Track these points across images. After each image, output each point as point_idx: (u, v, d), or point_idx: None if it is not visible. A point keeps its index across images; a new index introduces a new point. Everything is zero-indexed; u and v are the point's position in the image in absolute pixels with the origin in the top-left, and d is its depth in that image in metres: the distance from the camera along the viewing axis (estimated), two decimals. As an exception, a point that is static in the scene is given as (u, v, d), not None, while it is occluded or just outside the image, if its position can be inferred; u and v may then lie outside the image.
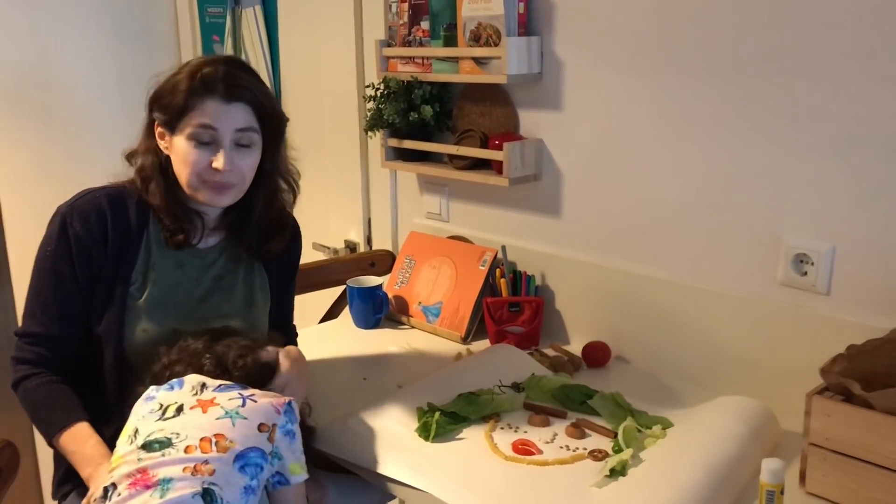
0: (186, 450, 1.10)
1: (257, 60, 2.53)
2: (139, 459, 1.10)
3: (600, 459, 1.31)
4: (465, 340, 1.84)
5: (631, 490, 1.20)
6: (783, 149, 1.43)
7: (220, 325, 1.41)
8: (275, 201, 1.52)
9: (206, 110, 1.34)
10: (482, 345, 1.81)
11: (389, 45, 1.97)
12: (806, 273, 1.42)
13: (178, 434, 1.12)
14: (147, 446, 1.11)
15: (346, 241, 2.37)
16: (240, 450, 1.12)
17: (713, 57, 1.49)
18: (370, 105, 1.99)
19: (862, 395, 1.11)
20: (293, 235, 1.61)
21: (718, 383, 1.55)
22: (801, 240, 1.42)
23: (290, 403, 1.20)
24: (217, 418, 1.14)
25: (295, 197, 1.57)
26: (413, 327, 1.94)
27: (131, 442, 1.13)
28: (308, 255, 2.52)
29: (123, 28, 2.81)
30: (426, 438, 1.37)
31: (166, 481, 1.06)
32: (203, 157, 1.36)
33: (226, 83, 1.35)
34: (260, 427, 1.15)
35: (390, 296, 1.98)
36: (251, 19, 2.52)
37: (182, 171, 1.38)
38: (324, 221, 2.46)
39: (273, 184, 1.50)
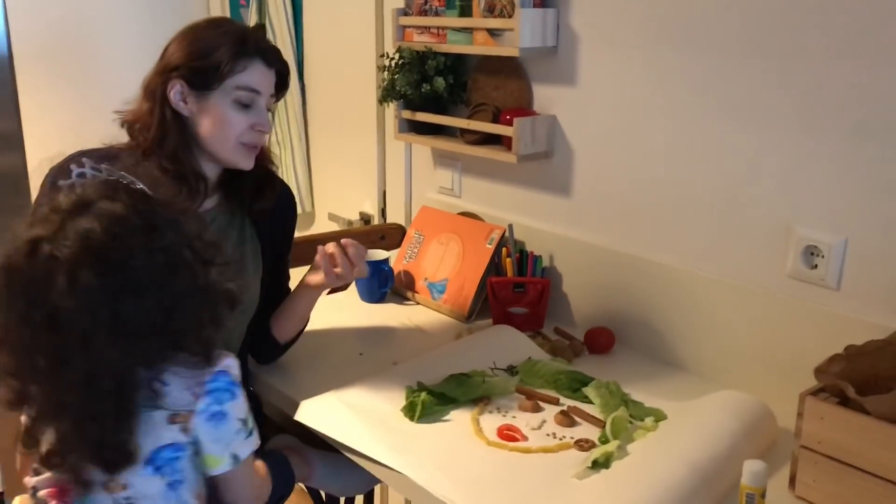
0: None
1: (281, 27, 2.50)
2: None
3: (586, 450, 1.26)
4: (468, 319, 1.80)
5: (611, 483, 1.16)
6: (798, 136, 1.35)
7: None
8: (260, 158, 1.51)
9: (254, 73, 1.38)
10: (485, 325, 1.77)
11: (406, 14, 1.92)
12: (816, 266, 1.35)
13: None
14: None
15: (360, 213, 2.35)
16: (148, 454, 1.00)
17: (731, 37, 1.42)
18: (384, 75, 1.94)
19: (857, 399, 1.05)
20: (287, 203, 1.59)
21: (721, 376, 1.49)
22: (812, 231, 1.35)
23: (216, 377, 1.03)
24: None
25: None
26: (418, 303, 1.91)
27: None
28: (323, 226, 2.51)
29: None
30: (411, 418, 1.35)
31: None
32: (245, 120, 1.39)
33: (269, 49, 1.42)
34: (171, 419, 1.01)
35: (399, 270, 1.95)
36: (276, -15, 2.49)
37: (220, 133, 1.39)
38: (340, 192, 2.44)
39: None
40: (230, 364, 1.06)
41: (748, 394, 1.34)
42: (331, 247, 1.45)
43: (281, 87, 1.46)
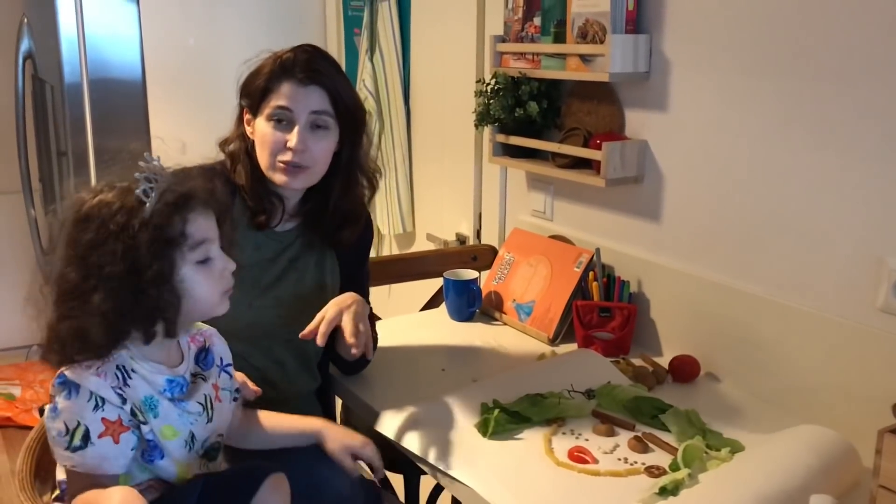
0: None
1: (390, 54, 2.60)
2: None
3: (656, 476, 1.25)
4: (552, 342, 1.81)
5: (676, 511, 1.15)
6: (889, 165, 1.30)
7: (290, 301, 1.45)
8: (351, 193, 1.55)
9: (283, 92, 1.43)
10: (569, 348, 1.78)
11: (504, 41, 1.97)
12: (909, 300, 1.29)
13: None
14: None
15: (457, 234, 2.40)
16: None
17: (821, 65, 1.38)
18: (480, 100, 1.99)
19: (938, 439, 1.00)
20: (366, 228, 1.64)
21: (806, 410, 1.44)
22: (906, 263, 1.29)
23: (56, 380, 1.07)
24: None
25: (373, 193, 1.61)
26: (505, 324, 1.93)
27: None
28: (422, 246, 2.58)
29: (278, 22, 3.00)
30: (483, 434, 1.37)
31: None
32: (279, 137, 1.43)
33: (303, 68, 1.43)
34: None
35: (488, 291, 1.99)
36: (386, 13, 2.59)
37: (261, 152, 1.46)
38: (439, 213, 2.50)
39: (350, 175, 1.54)
40: (87, 373, 1.05)
41: (831, 430, 1.29)
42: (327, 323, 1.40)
43: (340, 107, 1.45)
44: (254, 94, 1.46)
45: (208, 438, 1.19)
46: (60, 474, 1.15)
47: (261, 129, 1.45)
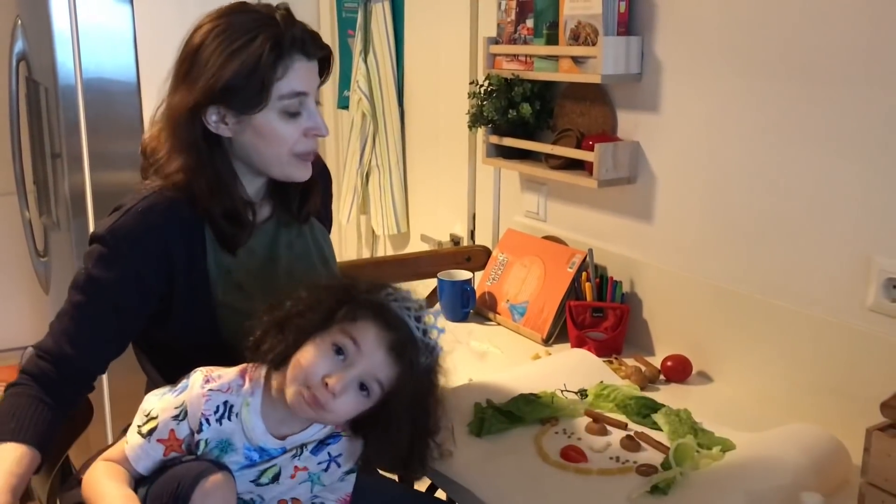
0: None
1: (383, 55, 2.61)
2: None
3: (648, 475, 1.26)
4: (546, 342, 1.82)
5: (667, 509, 1.16)
6: (879, 166, 1.32)
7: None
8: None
9: (297, 74, 1.22)
10: (562, 348, 1.79)
11: (497, 43, 1.98)
12: (898, 299, 1.30)
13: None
14: None
15: (451, 235, 2.41)
16: None
17: (812, 66, 1.40)
18: (473, 101, 2.00)
19: (925, 437, 1.01)
20: (322, 172, 1.49)
21: (798, 409, 1.45)
22: (894, 263, 1.30)
23: None
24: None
25: None
26: (499, 324, 1.94)
27: None
28: (416, 246, 2.59)
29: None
30: (477, 434, 1.38)
31: None
32: (295, 129, 1.25)
33: (308, 39, 1.24)
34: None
35: (482, 292, 2.00)
36: (380, 15, 2.59)
37: (269, 150, 1.25)
38: (433, 214, 2.51)
39: None
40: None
41: (821, 428, 1.30)
42: None
43: (322, 71, 1.29)
44: (250, 88, 1.20)
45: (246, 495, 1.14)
46: None
47: (268, 125, 1.23)
